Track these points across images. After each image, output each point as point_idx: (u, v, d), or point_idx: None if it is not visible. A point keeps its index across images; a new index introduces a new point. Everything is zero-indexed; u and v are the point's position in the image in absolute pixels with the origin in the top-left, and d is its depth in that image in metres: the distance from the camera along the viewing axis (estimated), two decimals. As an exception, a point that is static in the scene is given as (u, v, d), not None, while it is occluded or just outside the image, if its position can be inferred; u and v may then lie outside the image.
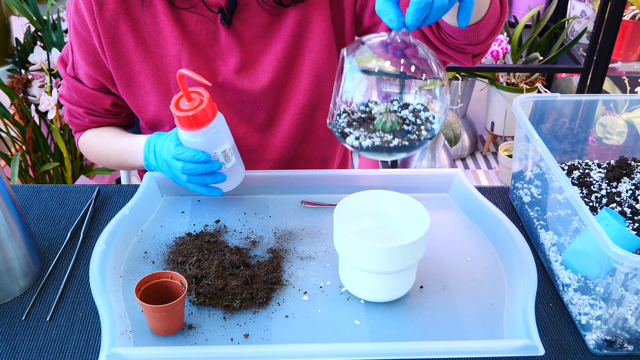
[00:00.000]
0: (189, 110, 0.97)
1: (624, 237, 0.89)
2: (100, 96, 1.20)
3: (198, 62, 1.12)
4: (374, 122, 0.80)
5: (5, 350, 0.87)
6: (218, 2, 1.10)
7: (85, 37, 1.12)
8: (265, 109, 1.18)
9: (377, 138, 0.79)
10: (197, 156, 1.00)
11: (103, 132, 1.25)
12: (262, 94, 1.16)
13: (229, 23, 1.11)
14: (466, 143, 3.07)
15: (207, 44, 1.13)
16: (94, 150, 1.26)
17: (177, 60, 1.12)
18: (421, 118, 0.81)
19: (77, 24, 1.12)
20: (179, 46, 1.11)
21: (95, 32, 1.10)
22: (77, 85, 1.20)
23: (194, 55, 1.12)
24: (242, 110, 1.18)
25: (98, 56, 1.14)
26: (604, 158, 1.21)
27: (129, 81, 1.15)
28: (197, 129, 0.98)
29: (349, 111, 0.82)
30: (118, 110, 1.24)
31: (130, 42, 1.11)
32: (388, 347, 0.82)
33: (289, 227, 1.07)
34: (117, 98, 1.21)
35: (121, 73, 1.14)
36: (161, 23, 1.11)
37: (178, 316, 0.86)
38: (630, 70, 2.87)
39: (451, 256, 1.02)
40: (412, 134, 0.80)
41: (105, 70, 1.15)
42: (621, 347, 0.88)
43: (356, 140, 0.80)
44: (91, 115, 1.24)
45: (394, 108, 0.81)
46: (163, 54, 1.12)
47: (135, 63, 1.13)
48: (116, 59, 1.12)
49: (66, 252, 1.04)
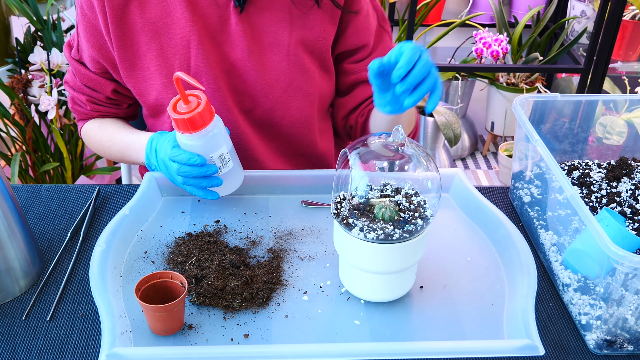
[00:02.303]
0: (185, 113, 0.97)
1: (624, 237, 0.89)
2: (102, 81, 1.20)
3: (206, 45, 1.12)
4: (374, 211, 0.87)
5: (5, 350, 0.87)
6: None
7: (91, 18, 1.12)
8: (266, 105, 1.18)
9: (380, 230, 0.86)
10: (192, 159, 1.00)
11: (106, 124, 1.25)
12: (266, 88, 1.16)
13: (241, 7, 1.10)
14: (466, 143, 3.07)
15: (218, 28, 1.12)
16: (96, 141, 1.26)
17: (185, 43, 1.11)
18: (414, 203, 0.89)
19: (84, 5, 1.12)
20: (189, 28, 1.10)
21: (102, 13, 1.10)
22: (80, 69, 1.20)
23: (204, 38, 1.11)
24: (243, 101, 1.18)
25: (102, 39, 1.14)
26: (604, 158, 1.21)
27: (133, 63, 1.14)
28: (194, 132, 0.98)
29: (351, 202, 0.89)
30: (119, 99, 1.24)
31: (138, 22, 1.11)
32: (388, 347, 0.82)
33: (289, 227, 1.07)
34: (118, 85, 1.21)
35: (125, 54, 1.13)
36: (172, 4, 1.10)
37: (178, 316, 0.86)
38: (630, 70, 2.87)
39: (451, 256, 1.02)
40: (410, 223, 0.87)
41: (108, 54, 1.15)
42: (621, 347, 0.88)
43: (361, 232, 0.86)
44: (93, 103, 1.24)
45: (387, 192, 0.91)
46: (171, 35, 1.11)
47: (141, 44, 1.13)
48: (122, 40, 1.12)
49: (66, 252, 1.04)
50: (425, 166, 0.90)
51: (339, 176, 0.92)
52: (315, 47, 1.16)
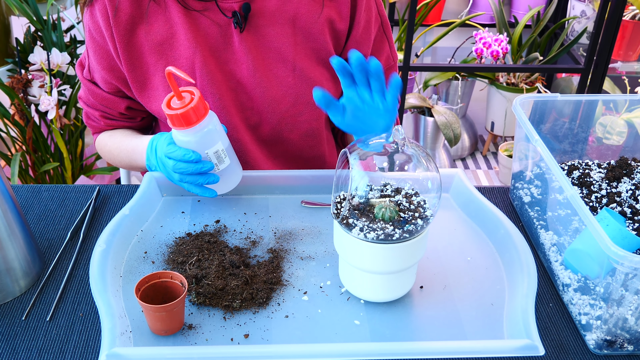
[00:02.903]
0: (178, 109, 0.97)
1: (624, 237, 0.89)
2: (115, 100, 1.21)
3: (211, 65, 1.12)
4: (374, 211, 0.88)
5: (5, 350, 0.87)
6: (232, 6, 1.10)
7: (101, 42, 1.14)
8: (273, 121, 1.18)
9: (380, 230, 0.85)
10: (187, 155, 1.00)
11: (116, 133, 1.26)
12: (273, 104, 1.16)
13: (241, 27, 1.11)
14: (466, 143, 3.07)
15: (221, 47, 1.13)
16: (107, 150, 1.27)
17: (190, 64, 1.12)
18: (414, 203, 0.89)
19: (92, 30, 1.13)
20: (192, 49, 1.11)
21: (110, 38, 1.11)
22: (93, 89, 1.21)
23: (207, 57, 1.12)
24: (249, 118, 1.18)
25: (113, 61, 1.15)
26: (604, 158, 1.21)
27: (143, 83, 1.16)
28: (187, 127, 0.99)
29: (351, 202, 0.89)
30: (133, 114, 1.25)
31: (145, 44, 1.12)
32: (388, 347, 0.82)
33: (289, 227, 1.07)
34: (132, 102, 1.22)
35: (135, 76, 1.15)
36: (175, 26, 1.11)
37: (178, 316, 0.86)
38: (630, 70, 2.87)
39: (451, 256, 1.02)
40: (410, 223, 0.86)
41: (120, 75, 1.16)
42: (621, 347, 0.88)
43: (361, 232, 0.86)
44: (106, 118, 1.25)
45: (387, 193, 0.91)
46: (176, 56, 1.13)
47: (150, 65, 1.14)
48: (131, 62, 1.13)
49: (66, 252, 1.04)
50: (425, 166, 0.90)
51: (339, 176, 0.92)
52: (321, 55, 1.16)
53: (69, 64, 2.04)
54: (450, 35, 2.92)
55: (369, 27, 1.18)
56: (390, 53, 1.24)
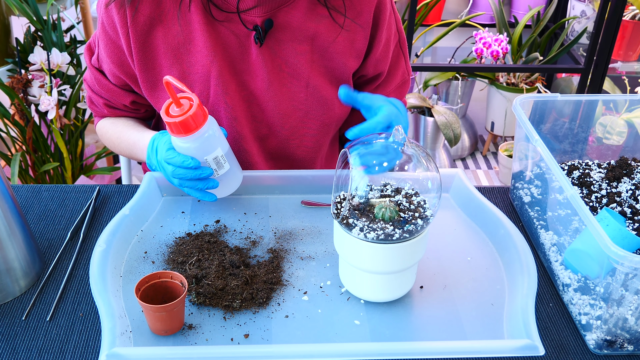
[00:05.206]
0: (177, 116, 0.97)
1: (624, 237, 0.89)
2: (121, 93, 1.21)
3: (226, 75, 1.12)
4: (374, 211, 0.88)
5: (5, 350, 0.87)
6: (254, 19, 1.10)
7: (113, 37, 1.12)
8: (281, 135, 1.19)
9: (380, 230, 0.85)
10: (186, 162, 1.00)
11: (118, 122, 1.26)
12: (284, 118, 1.17)
13: (261, 42, 1.11)
14: (466, 143, 3.07)
15: (238, 58, 1.13)
16: (108, 137, 1.27)
17: (206, 72, 1.11)
18: (414, 203, 0.90)
19: (105, 24, 1.12)
20: (210, 58, 1.10)
21: (125, 36, 1.10)
22: (100, 78, 1.20)
23: (224, 68, 1.11)
24: (259, 129, 1.18)
25: (124, 57, 1.14)
26: (604, 158, 1.21)
27: (155, 84, 1.15)
28: (186, 135, 0.98)
29: (351, 202, 0.89)
30: (137, 107, 1.25)
31: (161, 47, 1.11)
32: (388, 347, 0.82)
33: (289, 227, 1.07)
34: (137, 96, 1.21)
35: (147, 76, 1.14)
36: (195, 32, 1.10)
37: (178, 316, 0.86)
38: (630, 70, 2.87)
39: (451, 256, 1.02)
40: (410, 223, 0.87)
41: (129, 71, 1.15)
42: (621, 347, 0.88)
43: (361, 232, 0.86)
44: (109, 107, 1.25)
45: (387, 192, 0.92)
46: (192, 62, 1.12)
47: (163, 67, 1.13)
48: (144, 63, 1.12)
49: (66, 252, 1.04)
50: (425, 166, 0.90)
51: (339, 176, 0.92)
52: (336, 75, 1.16)
53: (69, 64, 2.04)
54: (450, 35, 2.92)
55: (388, 45, 1.19)
56: (406, 68, 1.27)
